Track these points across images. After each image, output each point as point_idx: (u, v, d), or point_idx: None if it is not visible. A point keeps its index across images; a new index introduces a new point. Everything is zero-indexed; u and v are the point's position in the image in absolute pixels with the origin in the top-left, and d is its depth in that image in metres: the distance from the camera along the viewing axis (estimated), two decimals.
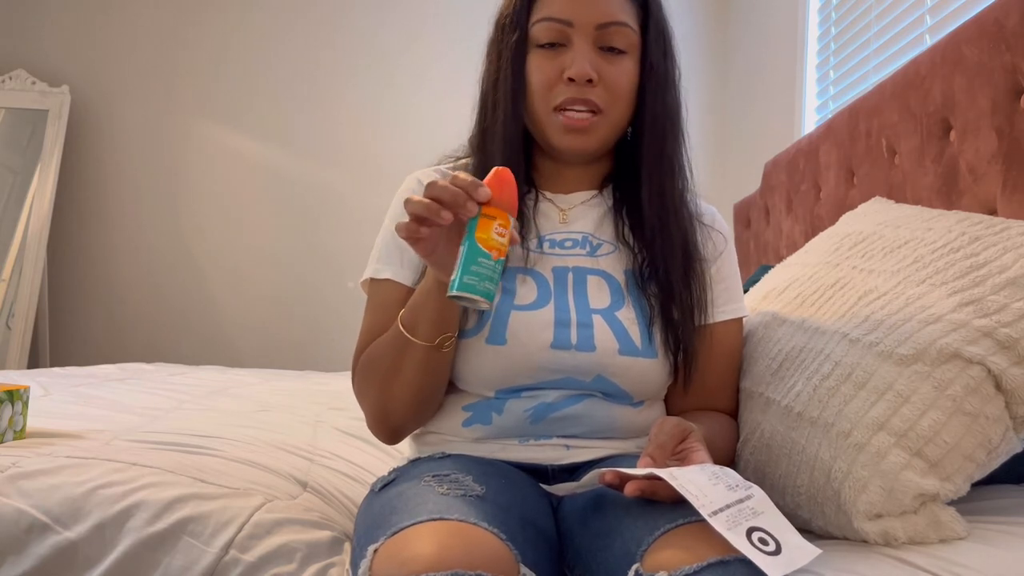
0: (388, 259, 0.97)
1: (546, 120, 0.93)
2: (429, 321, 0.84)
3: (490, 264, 0.72)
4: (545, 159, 1.00)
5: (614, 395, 0.92)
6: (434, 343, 0.84)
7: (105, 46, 3.46)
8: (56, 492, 0.86)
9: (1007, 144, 1.16)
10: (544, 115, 0.93)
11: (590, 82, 0.91)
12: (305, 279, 3.43)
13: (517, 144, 0.95)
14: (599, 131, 0.93)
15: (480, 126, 0.99)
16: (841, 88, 2.33)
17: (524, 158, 0.97)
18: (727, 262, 1.01)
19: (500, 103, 0.95)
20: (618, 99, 0.93)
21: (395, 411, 0.91)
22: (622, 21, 0.92)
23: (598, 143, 0.95)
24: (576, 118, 0.91)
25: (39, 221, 3.21)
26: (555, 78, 0.92)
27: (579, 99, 0.91)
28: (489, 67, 0.98)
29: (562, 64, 0.92)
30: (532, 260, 0.95)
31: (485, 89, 0.99)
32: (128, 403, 1.51)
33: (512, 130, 0.95)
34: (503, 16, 0.97)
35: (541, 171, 1.01)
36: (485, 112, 0.98)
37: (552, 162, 1.00)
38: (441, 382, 0.91)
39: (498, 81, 0.96)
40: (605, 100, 0.92)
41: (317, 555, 0.85)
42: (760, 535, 0.62)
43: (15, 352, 3.10)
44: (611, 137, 0.96)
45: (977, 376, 0.77)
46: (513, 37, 0.94)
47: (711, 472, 0.69)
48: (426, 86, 3.40)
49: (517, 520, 0.74)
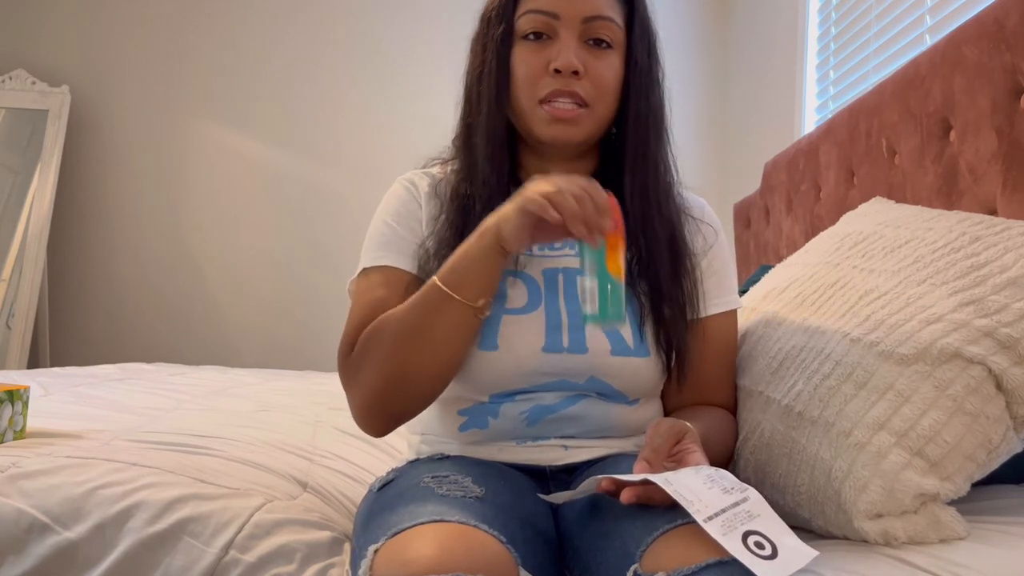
0: (386, 248, 0.96)
1: (531, 112, 0.93)
2: (479, 282, 0.83)
3: (619, 287, 0.77)
4: (531, 156, 1.00)
5: (609, 395, 0.92)
6: (477, 304, 0.83)
7: (105, 46, 3.46)
8: (56, 492, 0.86)
9: (1007, 144, 1.16)
10: (529, 107, 0.93)
11: (576, 74, 0.90)
12: (305, 279, 3.43)
13: (501, 137, 0.95)
14: (585, 124, 0.93)
15: (464, 121, 0.98)
16: (841, 88, 2.33)
17: (509, 152, 0.97)
18: (719, 254, 1.01)
19: (484, 95, 0.95)
20: (603, 93, 0.93)
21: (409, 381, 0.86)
22: (608, 16, 0.93)
23: (583, 135, 0.94)
24: (562, 109, 0.91)
25: (39, 221, 3.21)
26: (540, 70, 0.92)
27: (565, 91, 0.91)
28: (473, 61, 0.98)
29: (548, 56, 0.92)
30: (521, 263, 0.94)
31: (469, 84, 0.98)
32: (128, 403, 1.51)
33: (496, 123, 0.94)
34: (489, 10, 0.97)
35: (527, 169, 0.99)
36: (469, 106, 0.98)
37: (538, 159, 0.99)
38: (460, 360, 0.88)
39: (483, 74, 0.95)
40: (590, 94, 0.92)
41: (317, 555, 0.85)
42: (756, 539, 0.62)
43: (15, 352, 3.10)
44: (596, 131, 0.95)
45: (978, 376, 0.77)
46: (499, 30, 0.94)
47: (706, 475, 0.69)
48: (427, 87, 3.40)
49: (517, 522, 0.74)
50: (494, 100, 0.94)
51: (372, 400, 0.88)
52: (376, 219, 1.00)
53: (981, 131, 1.21)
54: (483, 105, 0.95)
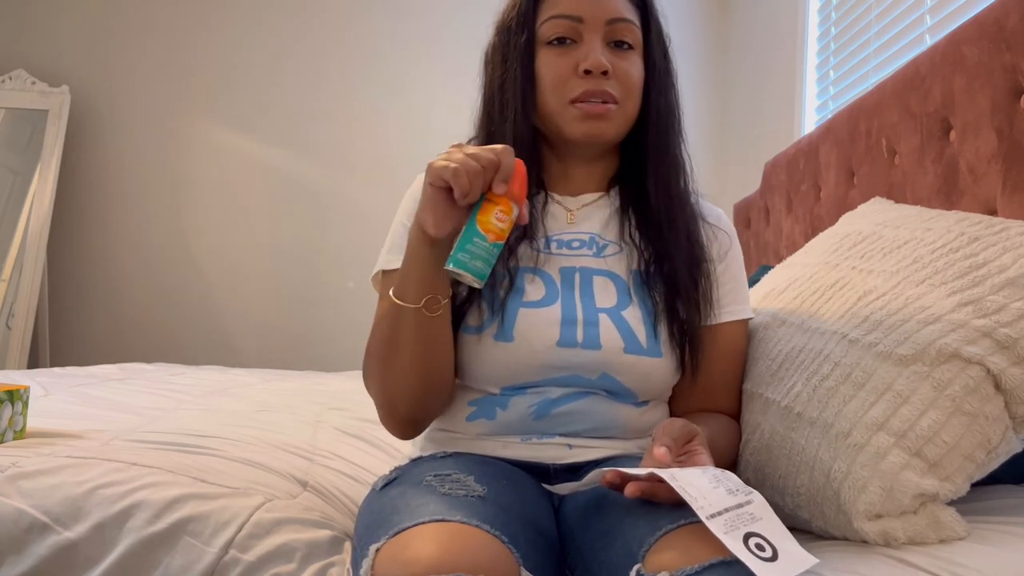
0: (399, 250, 0.96)
1: (561, 113, 0.94)
2: (416, 281, 0.84)
3: (485, 246, 0.77)
4: (554, 160, 1.01)
5: (618, 393, 0.92)
6: (420, 304, 0.84)
7: (105, 46, 3.46)
8: (56, 492, 0.86)
9: (1007, 144, 1.16)
10: (559, 108, 0.94)
11: (605, 74, 0.92)
12: (305, 279, 3.43)
13: (528, 143, 0.95)
14: (616, 120, 0.94)
15: (486, 130, 0.99)
16: (841, 88, 2.33)
17: (536, 158, 0.98)
18: (733, 263, 1.02)
19: (509, 103, 0.95)
20: (631, 92, 0.95)
21: (398, 394, 0.90)
22: (628, 19, 0.95)
23: (614, 132, 0.95)
24: (594, 105, 0.92)
25: (39, 221, 3.20)
26: (568, 73, 0.93)
27: (596, 91, 0.92)
28: (494, 71, 0.98)
29: (575, 59, 0.93)
30: (540, 260, 0.95)
31: (489, 94, 0.99)
32: (128, 403, 1.51)
33: (523, 129, 0.95)
34: (507, 19, 0.98)
35: (550, 172, 1.02)
36: (491, 116, 0.98)
37: (560, 163, 1.01)
38: (440, 360, 0.89)
39: (505, 83, 0.96)
40: (619, 92, 0.93)
41: (317, 554, 0.85)
42: (757, 541, 0.62)
43: (15, 352, 3.10)
44: (624, 129, 0.97)
45: (976, 376, 0.77)
46: (521, 38, 0.95)
47: (712, 475, 0.69)
48: (430, 85, 3.40)
49: (518, 521, 0.74)
50: (520, 107, 0.95)
51: (382, 414, 0.94)
52: (396, 219, 1.01)
53: (981, 131, 1.21)
54: (508, 112, 0.96)
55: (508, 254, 0.94)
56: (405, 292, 0.85)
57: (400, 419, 0.93)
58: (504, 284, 0.92)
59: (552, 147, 1.00)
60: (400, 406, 0.91)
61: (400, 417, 0.92)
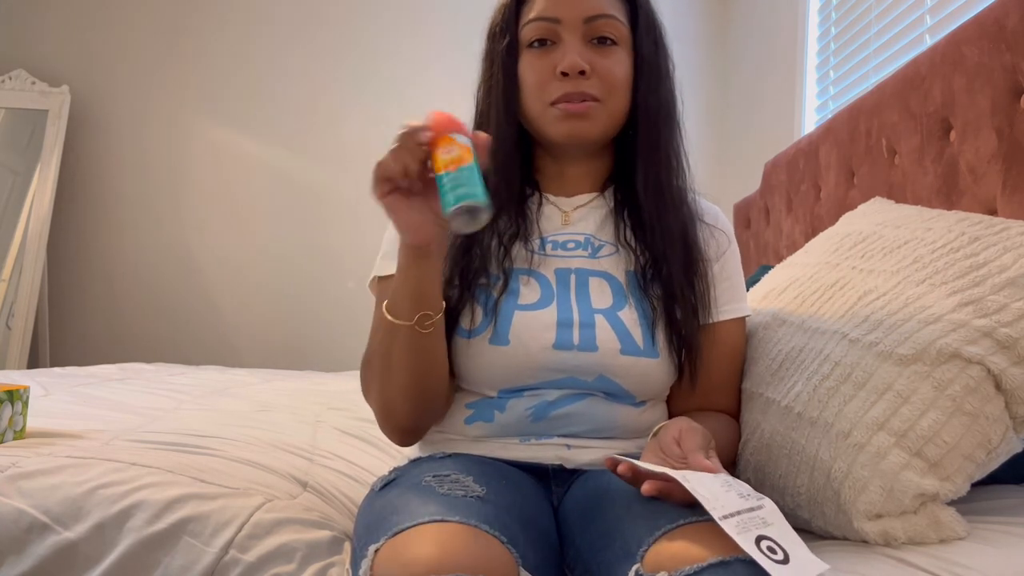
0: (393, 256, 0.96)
1: (543, 115, 0.94)
2: (407, 298, 0.83)
3: (453, 175, 0.74)
4: (547, 160, 1.01)
5: (616, 395, 0.92)
6: (413, 321, 0.83)
7: (105, 46, 3.46)
8: (56, 492, 0.86)
9: (1007, 144, 1.16)
10: (541, 111, 0.94)
11: (583, 74, 0.91)
12: (305, 279, 3.43)
13: (514, 146, 0.96)
14: (598, 118, 0.93)
15: None
16: (841, 88, 2.33)
17: (521, 159, 0.98)
18: (730, 261, 1.01)
19: (494, 106, 0.96)
20: (614, 89, 0.93)
21: (395, 406, 0.90)
22: (610, 14, 0.93)
23: (597, 130, 0.94)
24: (573, 104, 0.92)
25: (39, 221, 3.20)
26: (548, 75, 0.93)
27: (574, 92, 0.92)
28: (483, 76, 0.99)
29: (553, 61, 0.93)
30: (535, 262, 0.95)
31: (479, 98, 1.00)
32: (128, 403, 1.51)
33: (506, 133, 0.95)
34: (493, 25, 0.99)
35: (544, 173, 1.01)
36: (480, 120, 0.99)
37: (554, 163, 1.01)
38: (435, 372, 0.89)
39: (491, 87, 0.97)
40: (601, 90, 0.92)
41: (317, 555, 0.85)
42: (769, 543, 0.62)
43: (15, 352, 3.10)
44: (610, 127, 0.96)
45: (977, 376, 0.77)
46: (503, 43, 0.96)
47: (723, 480, 0.69)
48: (429, 86, 3.40)
49: (518, 521, 0.74)
50: (503, 110, 0.95)
51: (380, 422, 0.94)
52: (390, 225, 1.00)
53: (981, 131, 1.21)
54: (492, 114, 0.96)
55: (503, 254, 0.94)
56: (398, 309, 0.84)
57: (398, 428, 0.93)
58: (498, 286, 0.92)
59: (546, 148, 1.00)
60: (397, 416, 0.91)
61: (397, 426, 0.93)
